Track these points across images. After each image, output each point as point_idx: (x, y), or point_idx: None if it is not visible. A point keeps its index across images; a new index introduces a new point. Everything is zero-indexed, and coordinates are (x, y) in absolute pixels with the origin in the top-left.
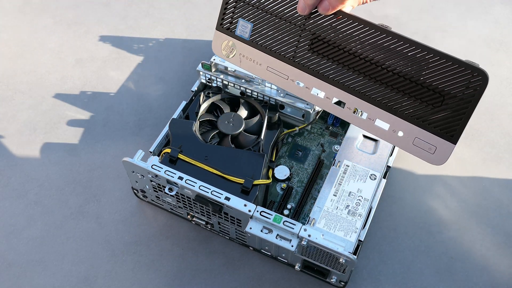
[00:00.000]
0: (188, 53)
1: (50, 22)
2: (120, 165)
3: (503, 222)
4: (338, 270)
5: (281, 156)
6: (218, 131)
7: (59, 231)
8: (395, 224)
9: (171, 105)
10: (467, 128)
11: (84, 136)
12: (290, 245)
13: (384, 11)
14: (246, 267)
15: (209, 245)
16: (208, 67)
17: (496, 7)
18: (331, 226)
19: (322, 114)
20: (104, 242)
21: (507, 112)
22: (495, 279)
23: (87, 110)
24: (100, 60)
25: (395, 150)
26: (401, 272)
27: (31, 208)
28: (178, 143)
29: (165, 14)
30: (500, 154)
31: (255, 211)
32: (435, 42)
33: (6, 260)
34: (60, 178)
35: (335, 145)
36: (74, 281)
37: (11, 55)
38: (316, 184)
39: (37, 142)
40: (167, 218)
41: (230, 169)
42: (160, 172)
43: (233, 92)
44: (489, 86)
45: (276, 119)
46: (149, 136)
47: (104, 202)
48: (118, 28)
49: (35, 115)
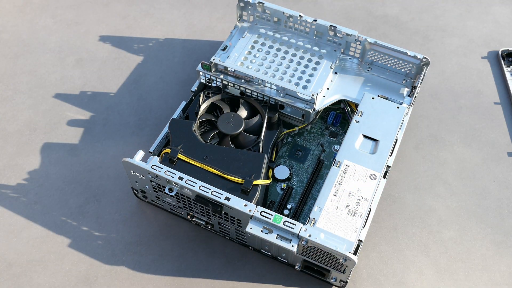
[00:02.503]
0: (188, 53)
1: (50, 22)
2: (120, 165)
3: (503, 222)
4: (338, 270)
5: (281, 156)
6: (218, 131)
7: (59, 231)
8: (395, 224)
9: (171, 105)
10: (467, 128)
11: (84, 136)
12: (290, 245)
13: (384, 11)
14: (246, 267)
15: (209, 245)
16: (208, 67)
17: (496, 7)
18: (331, 226)
19: (322, 114)
20: (104, 242)
21: (507, 112)
22: (495, 279)
23: (87, 110)
24: (100, 60)
25: (395, 150)
26: (401, 272)
27: (31, 208)
28: (178, 143)
29: (165, 14)
30: (500, 154)
31: (255, 211)
32: (435, 42)
33: (6, 260)
34: (60, 178)
35: (335, 145)
36: (74, 281)
37: (11, 55)
38: (316, 184)
39: (37, 142)
40: (167, 218)
41: (230, 169)
42: (160, 172)
43: (233, 92)
44: (489, 86)
45: (276, 119)
46: (149, 136)
47: (104, 202)
48: (118, 28)
49: (35, 115)
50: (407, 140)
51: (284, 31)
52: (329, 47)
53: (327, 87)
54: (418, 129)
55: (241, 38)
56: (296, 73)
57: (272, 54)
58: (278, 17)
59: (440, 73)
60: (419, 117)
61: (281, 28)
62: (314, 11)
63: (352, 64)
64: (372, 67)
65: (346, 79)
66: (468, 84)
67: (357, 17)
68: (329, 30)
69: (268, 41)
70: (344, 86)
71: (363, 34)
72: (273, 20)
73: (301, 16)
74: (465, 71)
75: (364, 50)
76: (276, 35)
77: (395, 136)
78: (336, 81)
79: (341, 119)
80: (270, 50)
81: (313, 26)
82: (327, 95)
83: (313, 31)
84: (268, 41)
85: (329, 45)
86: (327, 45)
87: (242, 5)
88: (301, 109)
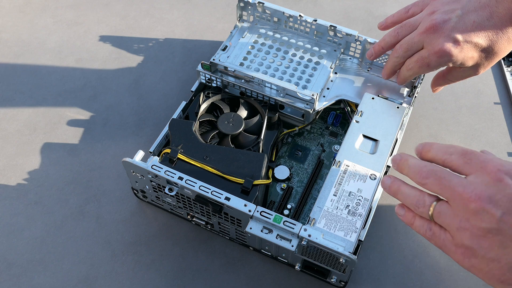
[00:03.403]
0: (188, 53)
1: (50, 22)
2: (120, 165)
3: None
4: (338, 270)
5: (281, 156)
6: (218, 131)
7: (59, 231)
8: (395, 224)
9: (171, 105)
10: (467, 128)
11: (84, 136)
12: (290, 245)
13: (384, 10)
14: (246, 267)
15: (209, 245)
16: (208, 67)
17: None
18: (331, 226)
19: (322, 114)
20: (104, 242)
21: (507, 112)
22: None
23: (87, 110)
24: (100, 60)
25: (395, 150)
26: (401, 272)
27: (31, 208)
28: (178, 143)
29: (165, 14)
30: (500, 154)
31: (255, 211)
32: None
33: (6, 260)
34: (60, 178)
35: (335, 145)
36: (74, 281)
37: (11, 55)
38: (316, 184)
39: (37, 142)
40: (167, 218)
41: (230, 169)
42: (160, 172)
43: (233, 93)
44: (489, 86)
45: (276, 119)
46: (149, 136)
47: (104, 202)
48: (118, 28)
49: (35, 115)
50: (407, 140)
51: (284, 31)
52: (329, 47)
53: (327, 87)
54: (418, 129)
55: (241, 38)
56: (296, 73)
57: (272, 54)
58: (278, 17)
59: None
60: (419, 117)
61: (281, 28)
62: (314, 11)
63: (352, 64)
64: (372, 67)
65: (346, 79)
66: (468, 84)
67: (357, 17)
68: (329, 30)
69: (268, 41)
70: (344, 86)
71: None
72: (273, 20)
73: (301, 16)
74: None
75: (364, 50)
76: (276, 35)
77: (395, 136)
78: (336, 81)
79: (341, 119)
80: (270, 50)
81: (313, 26)
82: (327, 95)
83: (313, 31)
84: (268, 41)
85: (329, 45)
86: (327, 45)
87: (242, 5)
88: (301, 109)
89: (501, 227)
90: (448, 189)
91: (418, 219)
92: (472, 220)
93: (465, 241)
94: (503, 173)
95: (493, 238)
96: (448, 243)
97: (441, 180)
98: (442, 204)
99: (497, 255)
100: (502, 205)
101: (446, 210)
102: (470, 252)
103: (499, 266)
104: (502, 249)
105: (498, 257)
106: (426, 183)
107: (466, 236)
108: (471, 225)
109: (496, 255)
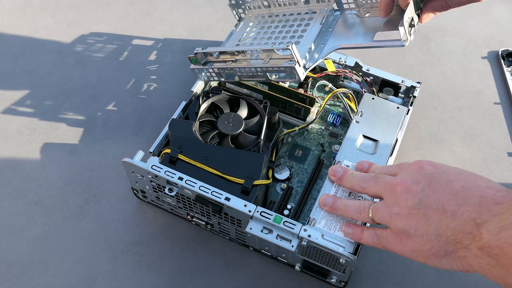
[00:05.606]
0: (188, 53)
1: (50, 22)
2: (120, 165)
3: None
4: (338, 270)
5: (281, 156)
6: (218, 131)
7: (59, 231)
8: None
9: (171, 105)
10: (467, 128)
11: (84, 136)
12: (290, 245)
13: None
14: (246, 267)
15: (209, 245)
16: (196, 60)
17: (496, 7)
18: (331, 226)
19: (322, 114)
20: (104, 242)
21: (507, 112)
22: None
23: (87, 110)
24: (100, 60)
25: (395, 150)
26: (401, 272)
27: (31, 208)
28: (178, 143)
29: (165, 14)
30: (500, 154)
31: (255, 212)
32: (435, 42)
33: (6, 260)
34: (60, 178)
35: (335, 145)
36: (74, 281)
37: (11, 55)
38: (316, 184)
39: (37, 142)
40: (167, 218)
41: (230, 170)
42: (160, 172)
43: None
44: (489, 86)
45: (276, 119)
46: (149, 136)
47: (104, 202)
48: (118, 28)
49: (35, 115)
50: (407, 140)
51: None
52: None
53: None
54: (418, 129)
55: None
56: (285, 39)
57: (263, 32)
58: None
59: (440, 73)
60: (419, 117)
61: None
62: None
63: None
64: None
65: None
66: (468, 84)
67: None
68: None
69: (260, 24)
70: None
71: None
72: (264, 4)
73: None
74: (465, 71)
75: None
76: (269, 17)
77: (395, 136)
78: (331, 37)
79: (341, 119)
80: (261, 30)
81: None
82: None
83: None
84: (260, 24)
85: (319, 6)
86: (317, 7)
87: (233, 3)
88: (286, 67)
89: (422, 199)
90: (383, 183)
91: (365, 231)
92: (400, 202)
93: (398, 225)
94: (424, 163)
95: (417, 212)
96: (390, 237)
97: (377, 179)
98: (378, 202)
99: (425, 229)
100: (422, 182)
101: (380, 205)
102: (405, 236)
103: (428, 239)
104: (426, 221)
105: (426, 230)
106: (366, 186)
107: (398, 220)
108: (399, 208)
109: (424, 229)
